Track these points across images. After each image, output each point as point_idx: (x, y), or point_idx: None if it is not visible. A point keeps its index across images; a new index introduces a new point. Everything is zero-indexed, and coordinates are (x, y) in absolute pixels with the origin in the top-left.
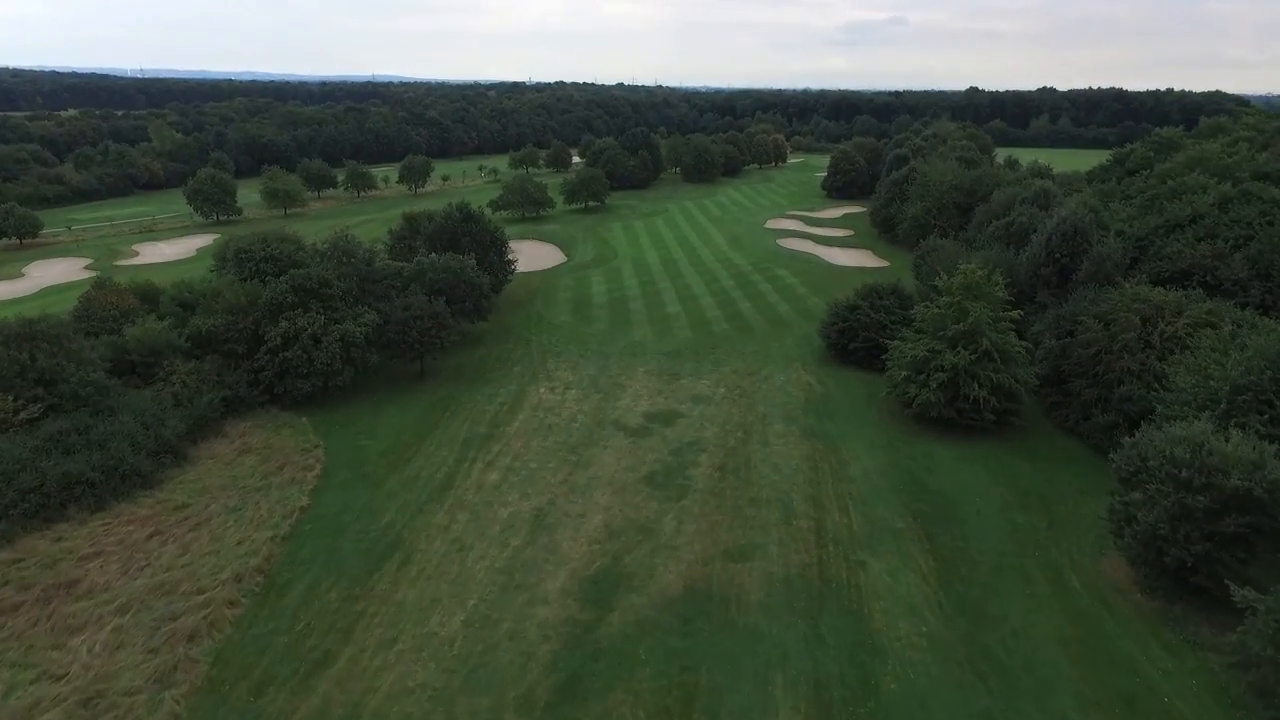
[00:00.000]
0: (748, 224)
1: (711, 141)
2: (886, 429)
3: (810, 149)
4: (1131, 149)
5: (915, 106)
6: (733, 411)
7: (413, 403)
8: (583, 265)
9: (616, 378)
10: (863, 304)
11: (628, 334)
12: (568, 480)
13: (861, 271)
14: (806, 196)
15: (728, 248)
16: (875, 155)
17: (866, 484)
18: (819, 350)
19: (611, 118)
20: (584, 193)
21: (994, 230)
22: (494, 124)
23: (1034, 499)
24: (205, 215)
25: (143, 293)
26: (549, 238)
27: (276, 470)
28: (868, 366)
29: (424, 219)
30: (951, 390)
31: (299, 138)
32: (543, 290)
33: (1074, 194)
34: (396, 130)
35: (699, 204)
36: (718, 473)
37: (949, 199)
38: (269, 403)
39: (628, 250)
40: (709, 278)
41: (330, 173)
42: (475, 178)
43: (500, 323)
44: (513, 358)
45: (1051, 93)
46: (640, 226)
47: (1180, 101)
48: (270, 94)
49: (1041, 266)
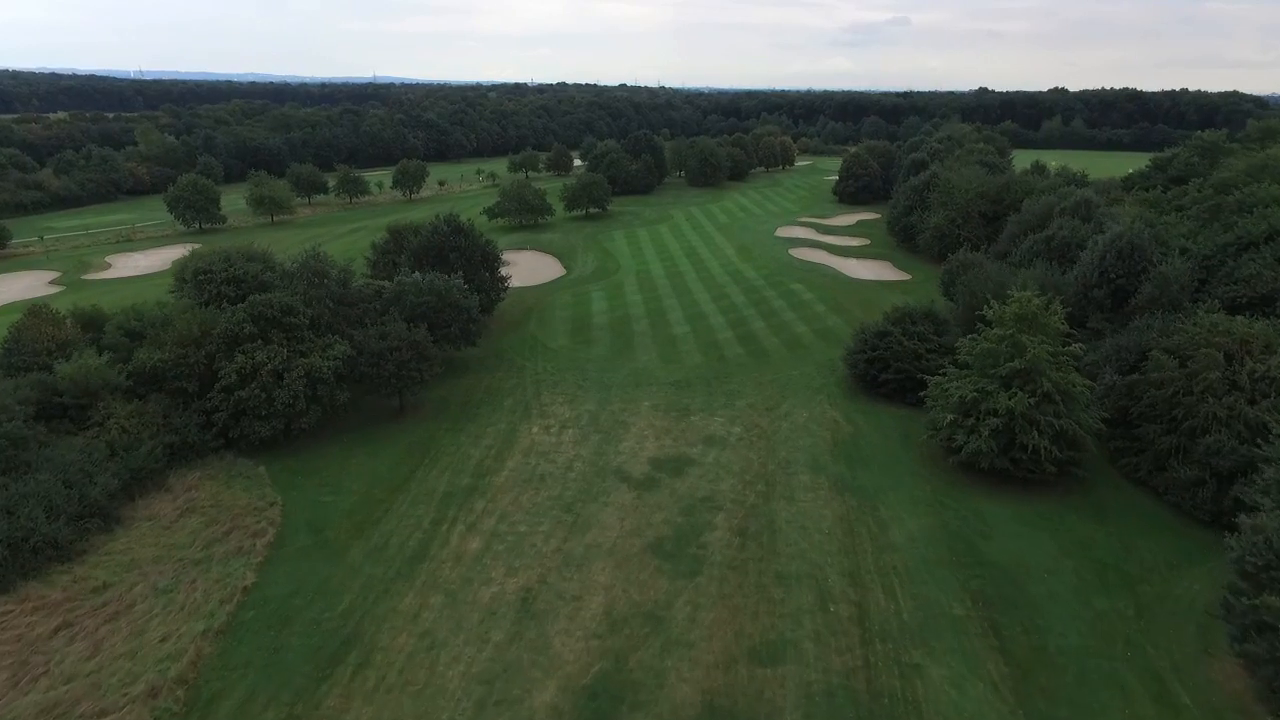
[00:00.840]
0: (757, 232)
1: (717, 144)
2: (929, 480)
3: (818, 151)
4: (1174, 154)
5: (924, 108)
6: (751, 457)
7: (388, 446)
8: (583, 279)
9: (619, 414)
10: (894, 330)
11: (631, 359)
12: (562, 548)
13: (881, 285)
14: (817, 202)
15: (737, 259)
16: (889, 159)
17: (913, 553)
18: (844, 380)
19: (614, 119)
20: (585, 199)
21: (1032, 245)
22: (494, 126)
23: (1113, 575)
24: (187, 224)
25: (86, 320)
26: (547, 248)
27: (223, 536)
28: (900, 400)
29: (410, 232)
30: (1006, 437)
31: (292, 141)
32: (539, 308)
33: (1114, 204)
34: (393, 133)
35: (705, 210)
36: (737, 539)
37: (974, 207)
38: (224, 448)
39: (631, 262)
40: (718, 293)
41: (321, 178)
42: (473, 182)
43: (491, 346)
44: (503, 389)
45: (1063, 93)
46: (644, 235)
47: (1196, 102)
48: (269, 96)
49: (1093, 288)
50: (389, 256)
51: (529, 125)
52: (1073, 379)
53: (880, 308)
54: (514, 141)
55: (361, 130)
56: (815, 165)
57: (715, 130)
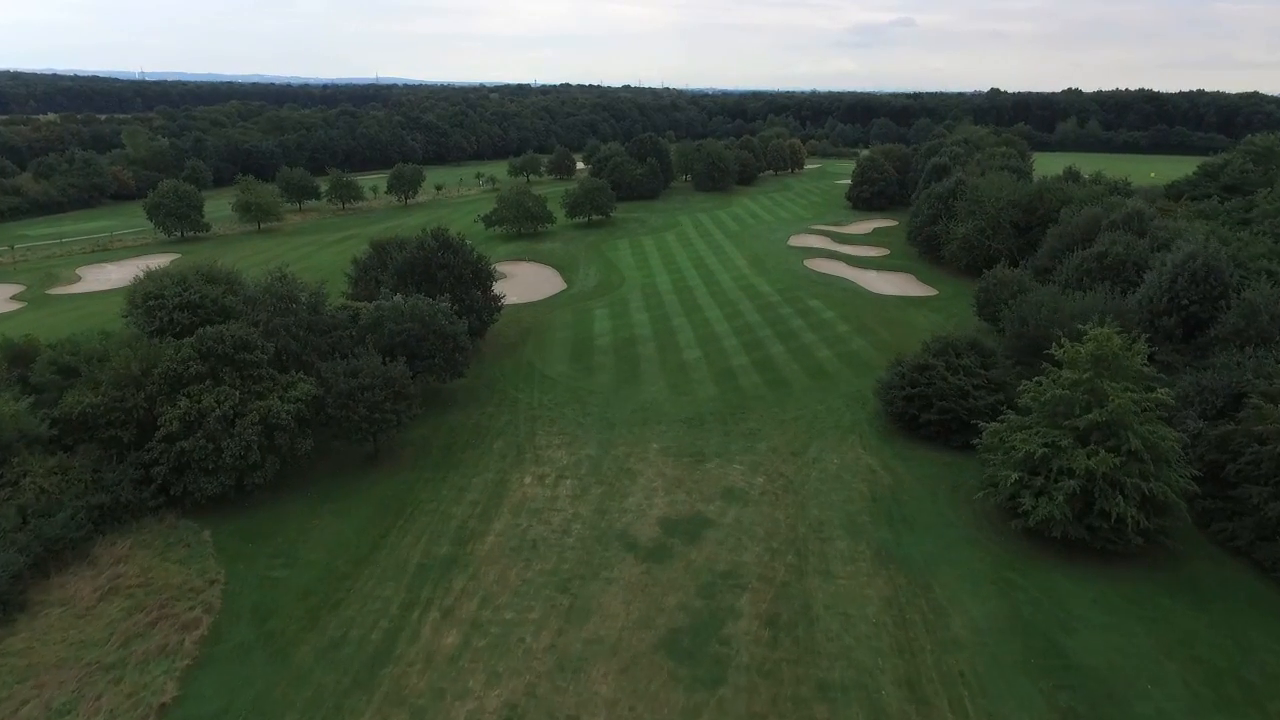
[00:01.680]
0: (769, 241)
1: (724, 147)
2: (988, 549)
3: (826, 154)
4: (1225, 160)
5: (934, 109)
6: (777, 517)
7: (357, 502)
8: (584, 294)
9: (623, 460)
10: (936, 364)
11: (637, 390)
12: (555, 644)
13: (906, 302)
14: (830, 208)
15: (749, 270)
16: (904, 163)
17: (981, 653)
18: (877, 417)
19: (618, 121)
20: (588, 205)
21: (1081, 263)
22: (494, 128)
23: (1230, 683)
24: (168, 232)
25: (15, 353)
26: (547, 258)
27: (146, 628)
28: (944, 444)
29: (394, 246)
30: (1082, 501)
31: (286, 144)
32: (536, 329)
33: (1166, 215)
34: (391, 135)
35: (713, 216)
36: (766, 630)
37: (1005, 217)
38: (165, 507)
39: (636, 274)
40: (731, 310)
41: (312, 182)
42: (472, 186)
43: (482, 375)
44: (493, 427)
45: (1077, 94)
46: (650, 244)
47: (1216, 103)
48: (270, 97)
49: (1161, 315)
50: (371, 274)
51: (531, 127)
52: (1162, 433)
53: (908, 327)
54: (515, 144)
55: (358, 132)
56: (825, 169)
57: (721, 132)
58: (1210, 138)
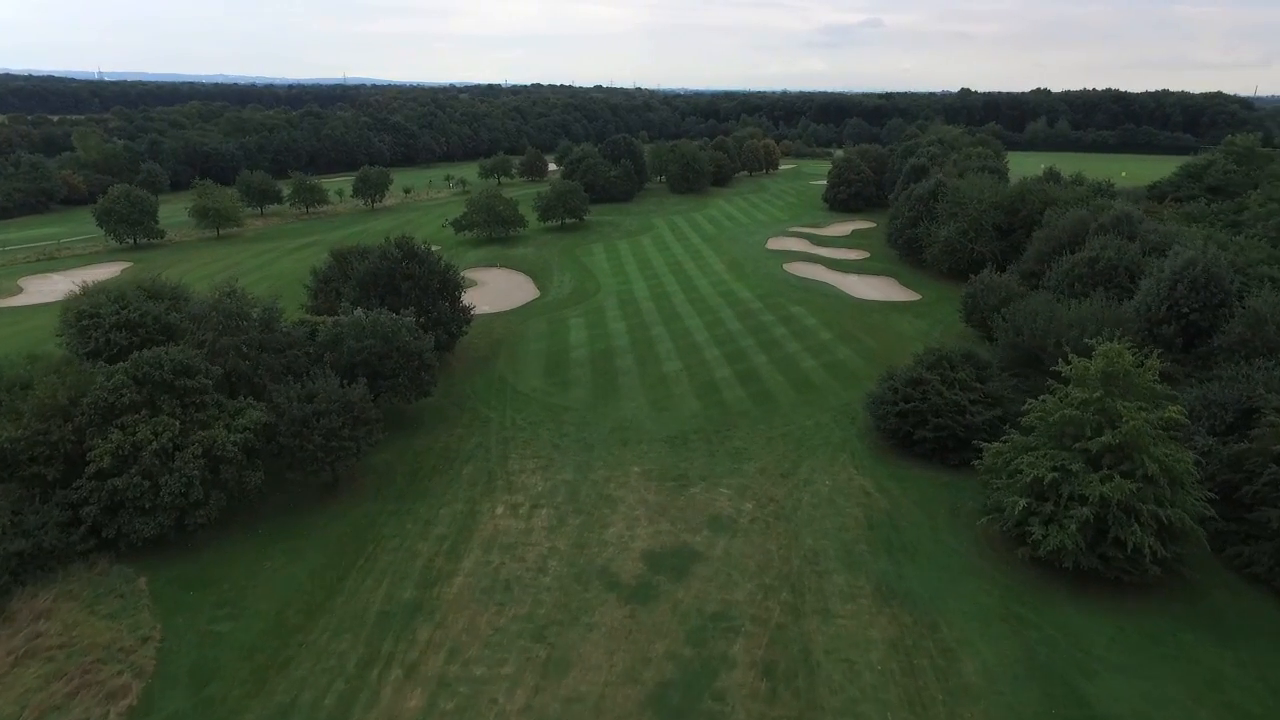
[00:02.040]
0: (746, 244)
1: (699, 148)
2: (995, 580)
3: (800, 154)
4: (1209, 161)
5: (906, 109)
6: (769, 548)
7: (313, 539)
8: (559, 302)
9: (603, 485)
10: (930, 377)
11: (616, 407)
12: (531, 705)
13: (890, 307)
14: (807, 209)
15: (728, 275)
16: (881, 163)
17: (997, 703)
18: (867, 433)
19: (590, 121)
20: (560, 209)
21: (1071, 268)
22: (464, 129)
23: None
24: (119, 239)
25: None
26: (519, 264)
27: (66, 699)
28: (939, 462)
29: (356, 255)
30: (1095, 529)
31: (247, 145)
32: (509, 340)
33: (1152, 217)
34: (357, 136)
35: (689, 219)
36: (763, 681)
37: (987, 219)
38: (96, 550)
39: (612, 280)
40: (711, 319)
41: (274, 186)
42: (441, 189)
43: (451, 392)
44: (463, 450)
45: (1046, 94)
46: (625, 248)
47: (1181, 103)
48: (234, 98)
49: (1160, 324)
50: (331, 285)
51: (501, 128)
52: (1178, 455)
53: (893, 335)
54: (486, 145)
55: (323, 134)
56: (800, 169)
57: (694, 132)
58: (1176, 137)
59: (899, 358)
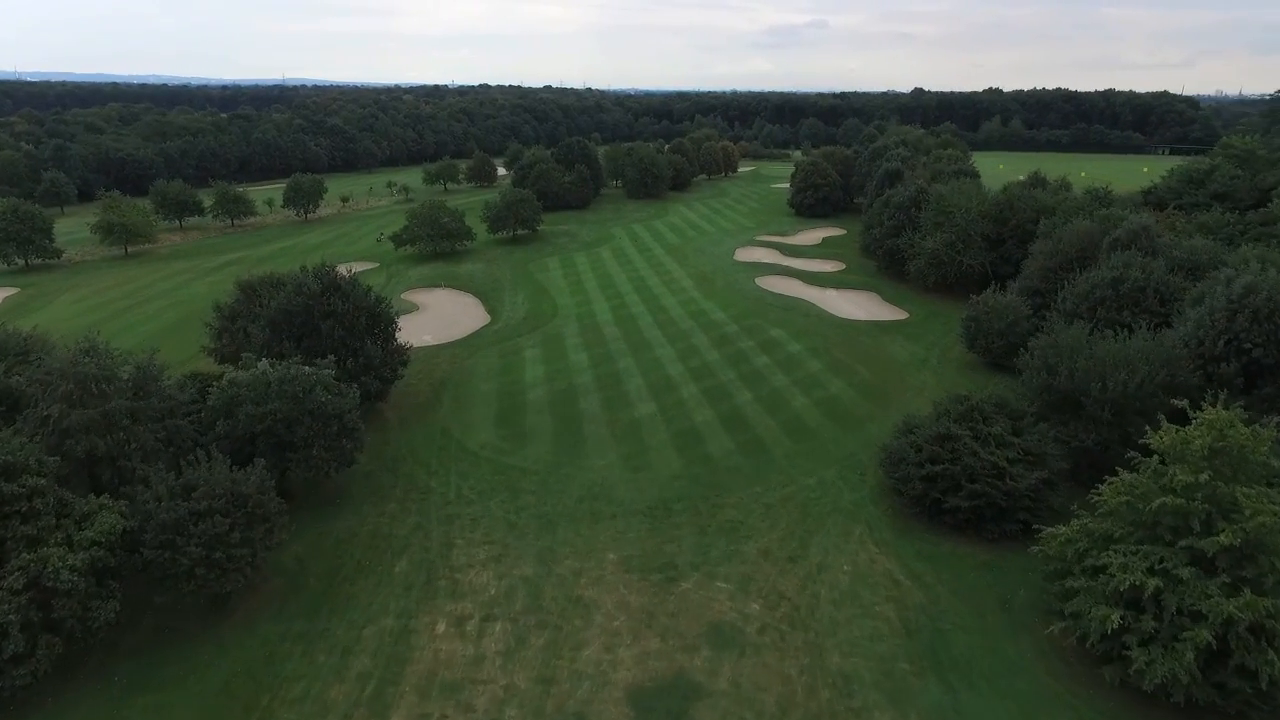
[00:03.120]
0: (714, 255)
1: (657, 151)
2: (1080, 714)
3: (758, 155)
4: (1212, 165)
5: (862, 109)
6: (788, 672)
7: (188, 690)
8: (512, 328)
9: (571, 582)
10: (959, 432)
11: (581, 466)
12: None
13: (877, 328)
14: (772, 215)
15: (697, 292)
16: (848, 166)
17: None
18: (879, 490)
19: (540, 123)
20: (512, 219)
21: (1090, 290)
22: (408, 132)
23: None
24: (7, 260)
25: None
26: (467, 283)
27: None
28: (975, 534)
29: (268, 287)
30: (1208, 654)
31: (168, 151)
32: (455, 379)
33: (1165, 229)
34: (291, 140)
35: (649, 227)
36: None
37: (976, 229)
38: None
39: (570, 300)
40: (684, 347)
41: (193, 196)
42: (383, 196)
43: (383, 452)
44: (395, 536)
45: (999, 94)
46: (583, 262)
47: (1131, 103)
48: (162, 99)
49: (1216, 362)
50: (239, 324)
51: (447, 130)
52: None
53: (887, 362)
54: (431, 149)
55: (254, 138)
56: (759, 171)
57: (648, 134)
58: (1127, 135)
59: (898, 391)
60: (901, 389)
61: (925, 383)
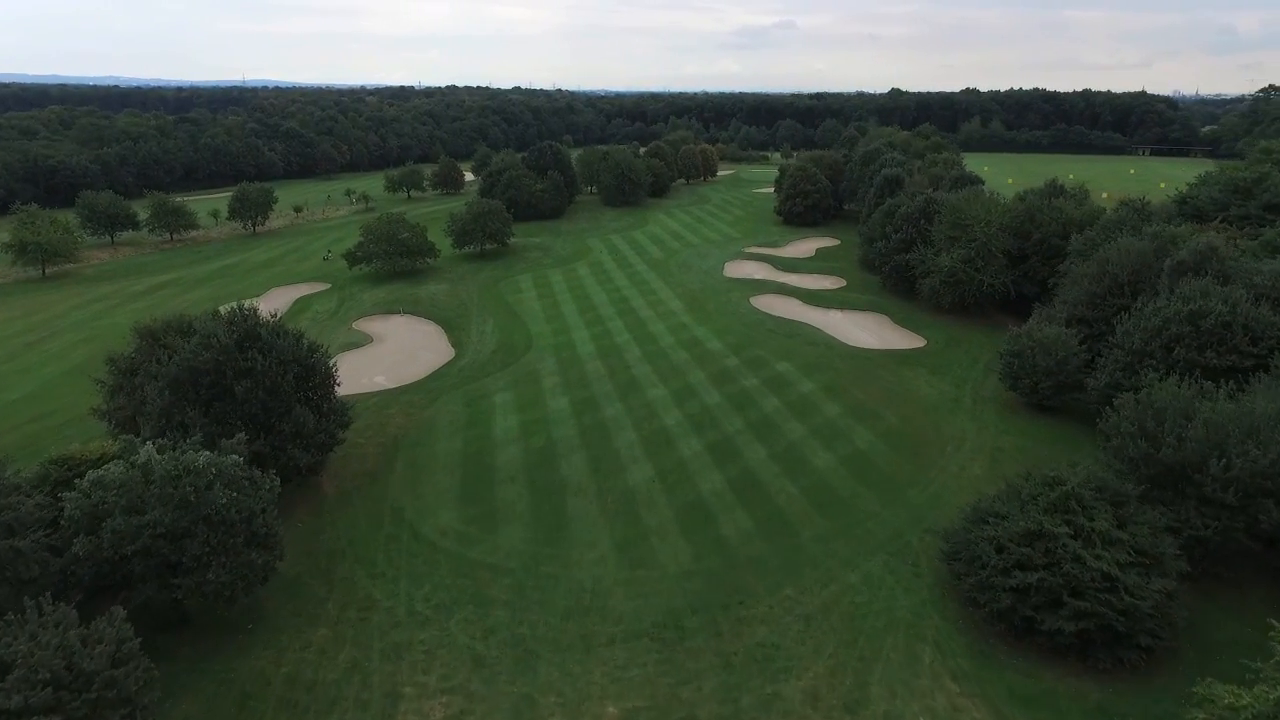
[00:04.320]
0: (701, 272)
1: (634, 155)
2: None
3: (736, 158)
4: (1264, 171)
5: (839, 110)
6: None
7: None
8: (480, 366)
9: None
10: (1055, 529)
11: (567, 560)
12: None
13: (894, 359)
14: (758, 224)
15: (688, 316)
16: (836, 171)
17: None
18: (941, 588)
19: (510, 125)
20: (479, 233)
21: (1164, 326)
22: (370, 135)
23: None
24: None
25: None
26: (429, 308)
27: None
28: (1078, 658)
29: (176, 334)
30: None
31: (106, 158)
32: (410, 437)
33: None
34: (243, 145)
35: (629, 239)
36: None
37: (997, 244)
38: None
39: (546, 328)
40: (680, 386)
41: (126, 208)
42: (341, 205)
43: (315, 544)
44: (321, 683)
45: (976, 94)
46: (559, 280)
47: (1111, 103)
48: (111, 102)
49: None
50: (135, 381)
51: (412, 134)
52: None
53: (914, 403)
54: (395, 153)
55: (201, 143)
56: (739, 175)
57: (621, 136)
58: (1108, 136)
59: (933, 443)
60: (938, 440)
61: (963, 431)
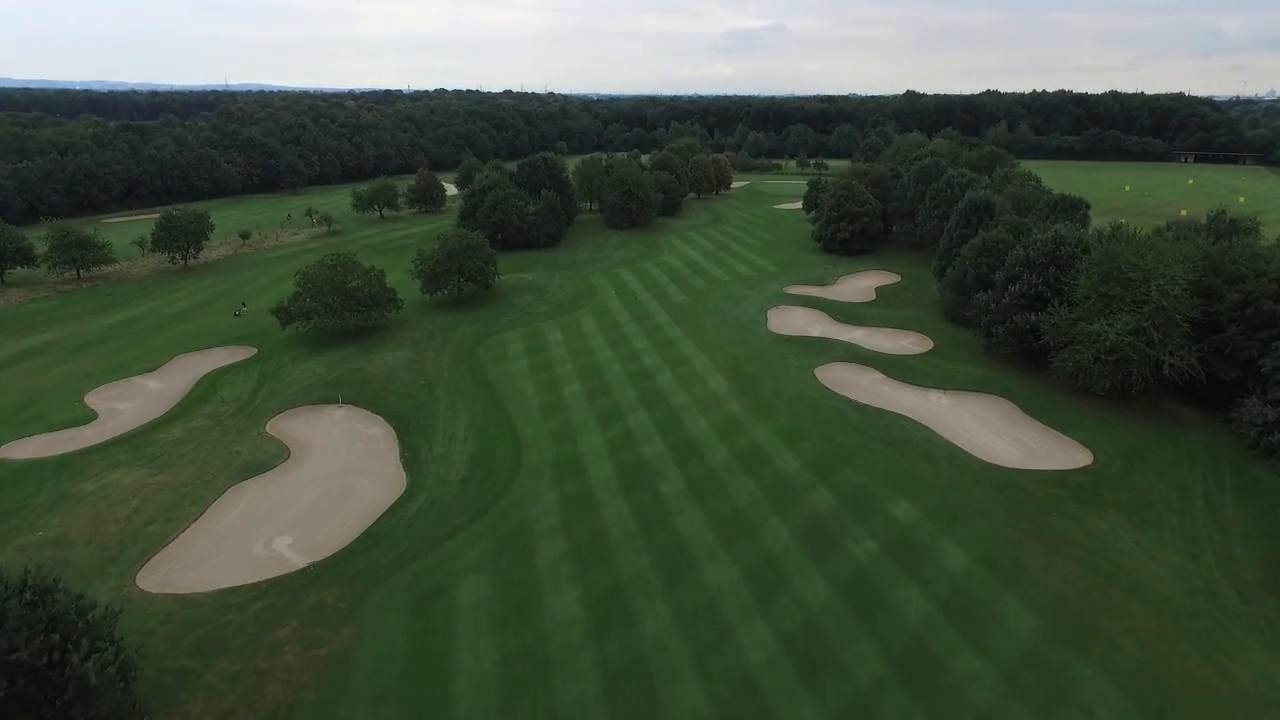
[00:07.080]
0: (739, 324)
1: (640, 168)
2: None
3: (747, 167)
4: None
5: (854, 114)
6: None
7: None
8: (438, 517)
9: None
10: None
11: None
12: None
13: (1060, 485)
14: (793, 251)
15: (737, 403)
16: (884, 189)
17: None
18: None
19: (499, 131)
20: (455, 274)
21: None
22: (343, 144)
23: None
24: None
25: None
26: (379, 392)
27: None
28: None
29: None
30: None
31: (25, 173)
32: (299, 713)
33: None
34: (195, 157)
35: (641, 273)
36: None
37: (1180, 308)
38: None
39: (543, 430)
40: (753, 555)
41: (18, 238)
42: (300, 228)
43: None
44: None
45: (998, 96)
46: (557, 343)
47: (1149, 105)
48: (64, 107)
49: None
50: None
51: (391, 142)
52: None
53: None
54: (371, 163)
55: (145, 155)
56: (755, 187)
57: (619, 142)
58: (1146, 142)
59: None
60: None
61: (1270, 674)
